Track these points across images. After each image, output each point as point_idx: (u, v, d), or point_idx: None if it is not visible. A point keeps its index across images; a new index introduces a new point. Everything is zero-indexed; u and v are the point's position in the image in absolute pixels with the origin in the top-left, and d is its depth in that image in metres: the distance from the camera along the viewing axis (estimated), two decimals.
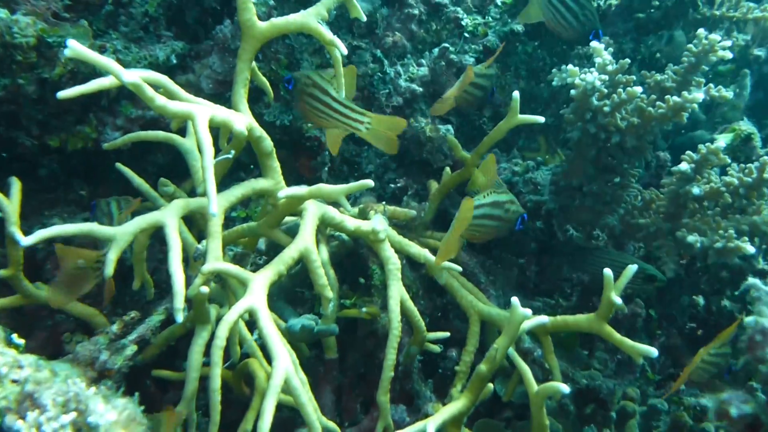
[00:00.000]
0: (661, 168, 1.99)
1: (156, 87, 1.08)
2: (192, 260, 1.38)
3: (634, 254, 2.08)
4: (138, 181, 1.49)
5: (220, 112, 1.12)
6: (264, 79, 1.52)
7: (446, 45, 1.97)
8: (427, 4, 2.01)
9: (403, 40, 1.95)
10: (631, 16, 1.97)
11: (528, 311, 1.18)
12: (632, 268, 1.35)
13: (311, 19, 1.30)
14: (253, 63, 1.54)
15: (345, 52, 1.26)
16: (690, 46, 1.57)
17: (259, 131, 1.25)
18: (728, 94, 1.57)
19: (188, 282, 1.16)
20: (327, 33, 1.28)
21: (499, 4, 2.10)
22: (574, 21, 1.77)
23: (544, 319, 1.31)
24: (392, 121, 1.43)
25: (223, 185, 1.32)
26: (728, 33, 2.36)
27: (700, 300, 2.26)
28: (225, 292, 1.46)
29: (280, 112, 1.81)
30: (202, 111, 1.06)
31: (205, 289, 1.15)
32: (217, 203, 1.01)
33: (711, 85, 1.63)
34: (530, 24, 2.09)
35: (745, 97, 2.48)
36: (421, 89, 1.95)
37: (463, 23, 2.03)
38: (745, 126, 2.05)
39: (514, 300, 1.19)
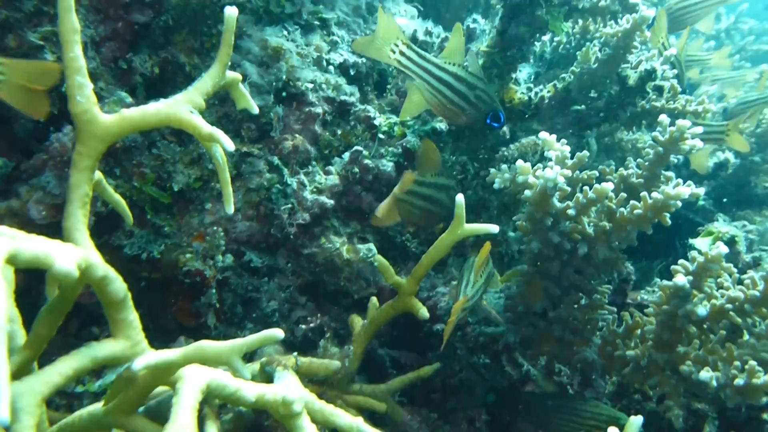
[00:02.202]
0: (624, 282, 1.74)
1: None
2: None
3: (605, 390, 1.78)
4: None
5: (30, 245, 0.73)
6: (118, 197, 1.15)
7: (359, 148, 1.69)
8: (332, 102, 1.74)
9: (306, 144, 1.65)
10: (568, 109, 1.79)
11: None
12: (637, 421, 1.03)
13: (180, 107, 0.97)
14: (102, 180, 1.16)
15: (231, 147, 0.93)
16: (655, 134, 1.37)
17: (103, 270, 0.86)
18: (700, 191, 1.36)
19: None
20: (203, 125, 0.95)
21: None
22: (464, 104, 1.54)
23: None
24: (38, 67, 1.14)
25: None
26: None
27: None
28: None
29: (147, 242, 1.43)
30: None
31: None
32: (7, 396, 0.59)
33: (679, 179, 1.42)
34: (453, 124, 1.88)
35: None
36: (331, 202, 1.64)
37: (375, 123, 1.77)
38: (725, 227, 1.87)
39: None
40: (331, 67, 1.79)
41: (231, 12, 1.01)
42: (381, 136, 1.78)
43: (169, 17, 1.60)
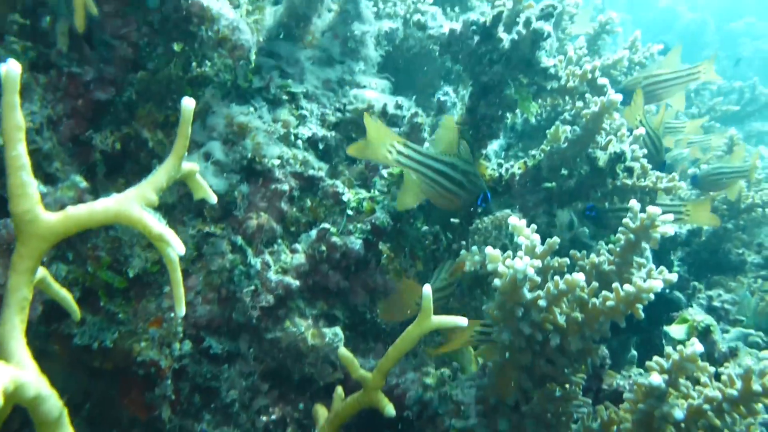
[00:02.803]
0: (600, 368, 1.70)
1: None
2: None
3: None
4: None
5: None
6: (64, 293, 1.08)
7: (326, 225, 1.65)
8: (300, 177, 1.71)
9: (271, 222, 1.61)
10: (539, 186, 1.78)
11: None
12: None
13: (131, 205, 0.93)
14: (46, 277, 1.10)
15: (182, 251, 0.89)
16: (626, 221, 1.35)
17: (35, 389, 0.80)
18: (672, 277, 1.33)
19: None
20: (154, 224, 0.91)
21: (385, 175, 1.84)
22: (460, 191, 1.55)
23: None
24: None
25: None
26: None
27: None
28: None
29: (99, 330, 1.36)
30: None
31: None
32: None
33: (652, 266, 1.40)
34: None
35: None
36: (297, 282, 1.58)
37: (344, 198, 1.73)
38: (700, 315, 1.84)
39: None
40: (299, 142, 1.76)
41: (187, 104, 0.97)
42: (349, 212, 1.74)
43: (132, 92, 1.57)
